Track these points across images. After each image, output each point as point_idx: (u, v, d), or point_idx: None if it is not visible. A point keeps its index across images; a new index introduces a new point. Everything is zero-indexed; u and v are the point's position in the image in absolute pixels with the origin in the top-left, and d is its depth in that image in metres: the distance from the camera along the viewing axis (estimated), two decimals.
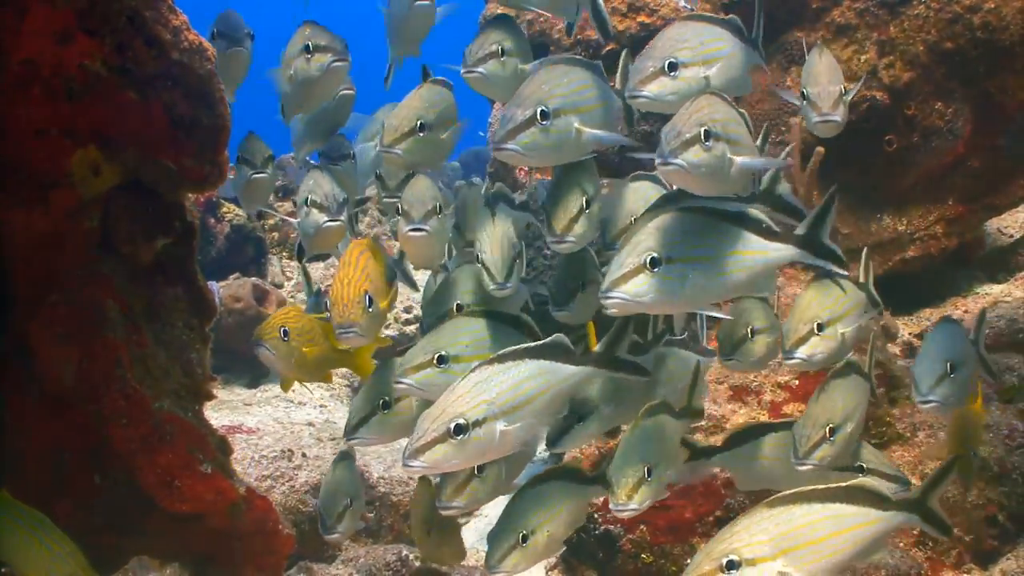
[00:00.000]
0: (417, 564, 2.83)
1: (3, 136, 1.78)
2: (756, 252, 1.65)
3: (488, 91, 1.92)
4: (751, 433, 1.98)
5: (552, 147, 1.73)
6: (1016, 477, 2.36)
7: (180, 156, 1.93)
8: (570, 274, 1.98)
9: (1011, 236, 3.77)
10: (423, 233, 1.90)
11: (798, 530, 1.51)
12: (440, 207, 1.91)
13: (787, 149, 2.71)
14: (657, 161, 1.59)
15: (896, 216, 3.49)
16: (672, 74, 1.68)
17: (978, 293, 3.51)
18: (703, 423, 2.76)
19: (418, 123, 1.95)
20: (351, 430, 1.97)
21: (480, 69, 1.85)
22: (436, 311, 1.98)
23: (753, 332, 1.92)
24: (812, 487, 1.55)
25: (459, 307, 1.93)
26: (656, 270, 1.54)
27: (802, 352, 1.82)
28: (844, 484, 1.62)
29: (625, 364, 1.79)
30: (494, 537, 1.80)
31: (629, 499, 1.74)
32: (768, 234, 1.66)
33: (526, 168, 3.56)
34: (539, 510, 1.81)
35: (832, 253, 1.72)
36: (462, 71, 1.87)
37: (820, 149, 3.19)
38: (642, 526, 2.56)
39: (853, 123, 3.39)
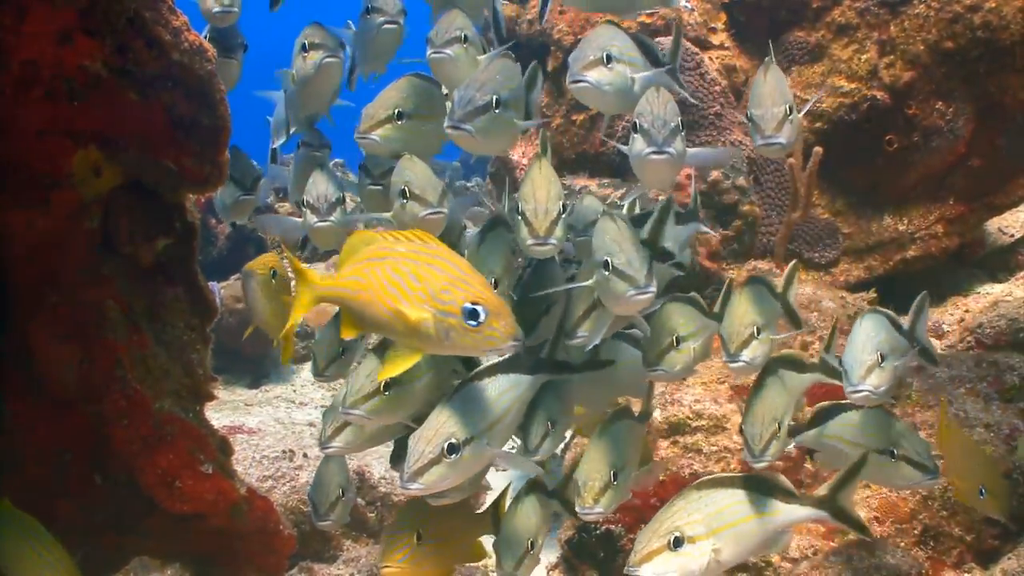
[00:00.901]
0: None
1: (4, 137, 1.78)
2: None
3: (449, 74, 1.93)
4: (833, 411, 2.05)
5: (495, 135, 1.84)
6: (1017, 477, 2.36)
7: (181, 157, 1.93)
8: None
9: (1012, 236, 3.76)
10: (442, 215, 1.91)
11: (721, 512, 1.71)
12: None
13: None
14: (568, 81, 1.81)
15: (897, 216, 3.49)
16: (608, 65, 1.81)
17: (979, 292, 3.50)
18: (703, 423, 2.76)
19: (395, 111, 1.98)
20: (326, 440, 1.98)
21: (448, 51, 1.88)
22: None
23: (678, 340, 1.91)
24: (733, 474, 1.77)
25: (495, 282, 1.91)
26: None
27: (746, 355, 1.89)
28: (762, 476, 1.82)
29: (574, 365, 1.91)
30: (505, 548, 1.89)
31: (596, 502, 1.82)
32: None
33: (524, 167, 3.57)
34: (535, 520, 1.92)
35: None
36: (429, 52, 1.89)
37: (818, 149, 3.19)
38: (643, 526, 2.56)
39: (854, 123, 3.40)
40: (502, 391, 1.73)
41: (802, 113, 2.00)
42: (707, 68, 3.51)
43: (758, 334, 1.89)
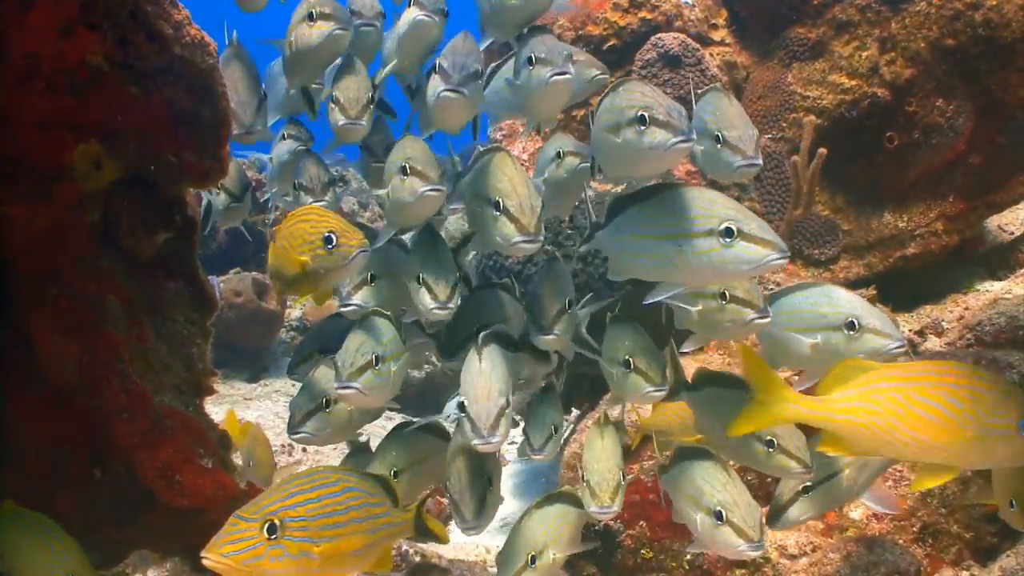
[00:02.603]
0: (417, 559, 2.83)
1: (5, 130, 1.78)
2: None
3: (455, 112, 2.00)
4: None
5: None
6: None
7: (181, 150, 1.93)
8: (553, 295, 2.04)
9: (1012, 233, 3.76)
10: (441, 193, 1.93)
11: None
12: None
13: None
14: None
15: (897, 213, 3.49)
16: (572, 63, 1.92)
17: (978, 290, 3.50)
18: None
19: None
20: (294, 426, 2.07)
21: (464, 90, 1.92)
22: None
23: (633, 365, 1.98)
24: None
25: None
26: None
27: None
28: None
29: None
30: (505, 560, 1.98)
31: (613, 502, 1.93)
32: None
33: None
34: (543, 530, 2.00)
35: None
36: (443, 88, 1.92)
37: (822, 150, 3.19)
38: (642, 522, 2.56)
39: (855, 120, 3.40)
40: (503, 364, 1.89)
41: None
42: (708, 64, 3.50)
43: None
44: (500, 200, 1.83)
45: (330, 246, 1.79)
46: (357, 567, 1.75)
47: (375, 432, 4.35)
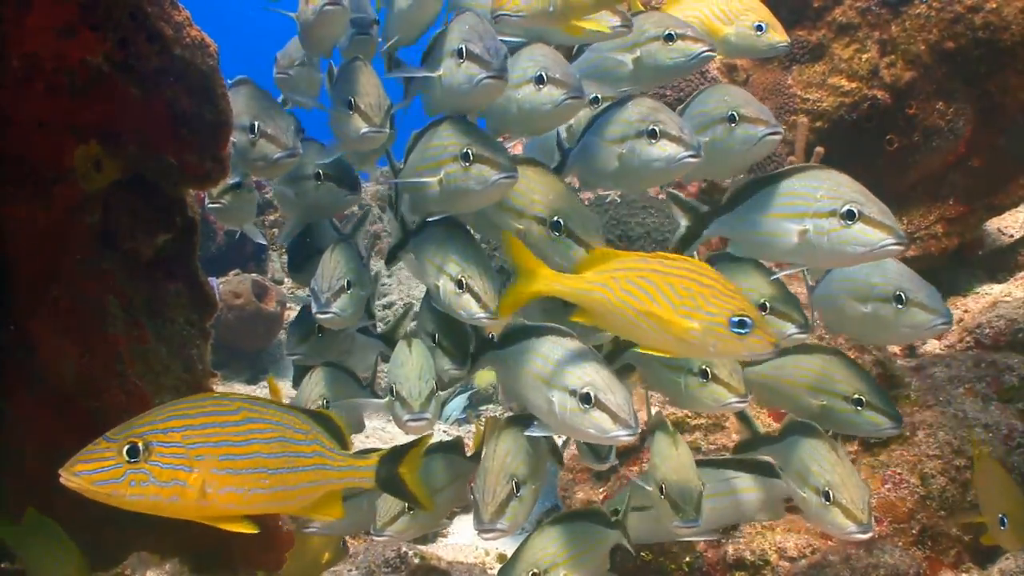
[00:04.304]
0: (416, 561, 2.83)
1: (5, 130, 1.78)
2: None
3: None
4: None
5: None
6: (1016, 477, 2.36)
7: (182, 152, 1.93)
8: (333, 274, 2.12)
9: (1011, 236, 3.77)
10: (384, 134, 1.99)
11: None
12: None
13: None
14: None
15: (897, 215, 3.47)
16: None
17: (978, 293, 3.51)
18: (702, 421, 2.76)
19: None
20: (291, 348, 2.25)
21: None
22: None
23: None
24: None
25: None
26: None
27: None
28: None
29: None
30: (506, 572, 1.86)
31: (698, 514, 1.86)
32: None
33: None
34: (555, 549, 1.85)
35: None
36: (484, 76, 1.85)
37: (819, 150, 3.20)
38: None
39: (855, 122, 3.40)
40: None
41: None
42: (708, 67, 3.50)
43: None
44: (352, 99, 1.94)
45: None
46: (279, 509, 1.61)
47: (375, 434, 4.35)
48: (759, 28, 2.11)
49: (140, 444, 1.35)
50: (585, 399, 1.64)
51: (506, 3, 1.81)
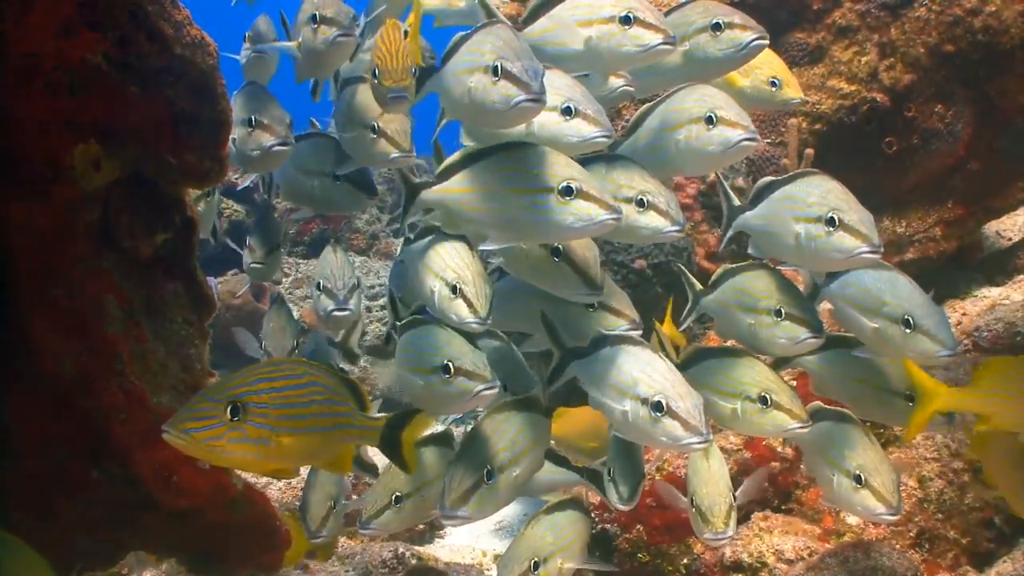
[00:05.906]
0: (413, 562, 2.83)
1: (4, 129, 1.77)
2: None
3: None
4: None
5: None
6: None
7: (181, 151, 1.92)
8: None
9: (1010, 239, 3.77)
10: (351, 39, 2.13)
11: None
12: None
13: None
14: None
15: (895, 218, 3.49)
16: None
17: (976, 296, 3.51)
18: None
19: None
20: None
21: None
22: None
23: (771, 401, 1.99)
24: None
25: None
26: None
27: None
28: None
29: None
30: (505, 563, 1.90)
31: (727, 526, 1.91)
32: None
33: None
34: (553, 537, 1.92)
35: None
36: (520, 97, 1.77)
37: (809, 151, 3.21)
38: (639, 526, 2.56)
39: (853, 125, 3.40)
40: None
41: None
42: None
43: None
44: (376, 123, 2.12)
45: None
46: (311, 461, 1.81)
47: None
48: (773, 84, 2.18)
49: (239, 405, 1.47)
50: (657, 407, 1.66)
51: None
